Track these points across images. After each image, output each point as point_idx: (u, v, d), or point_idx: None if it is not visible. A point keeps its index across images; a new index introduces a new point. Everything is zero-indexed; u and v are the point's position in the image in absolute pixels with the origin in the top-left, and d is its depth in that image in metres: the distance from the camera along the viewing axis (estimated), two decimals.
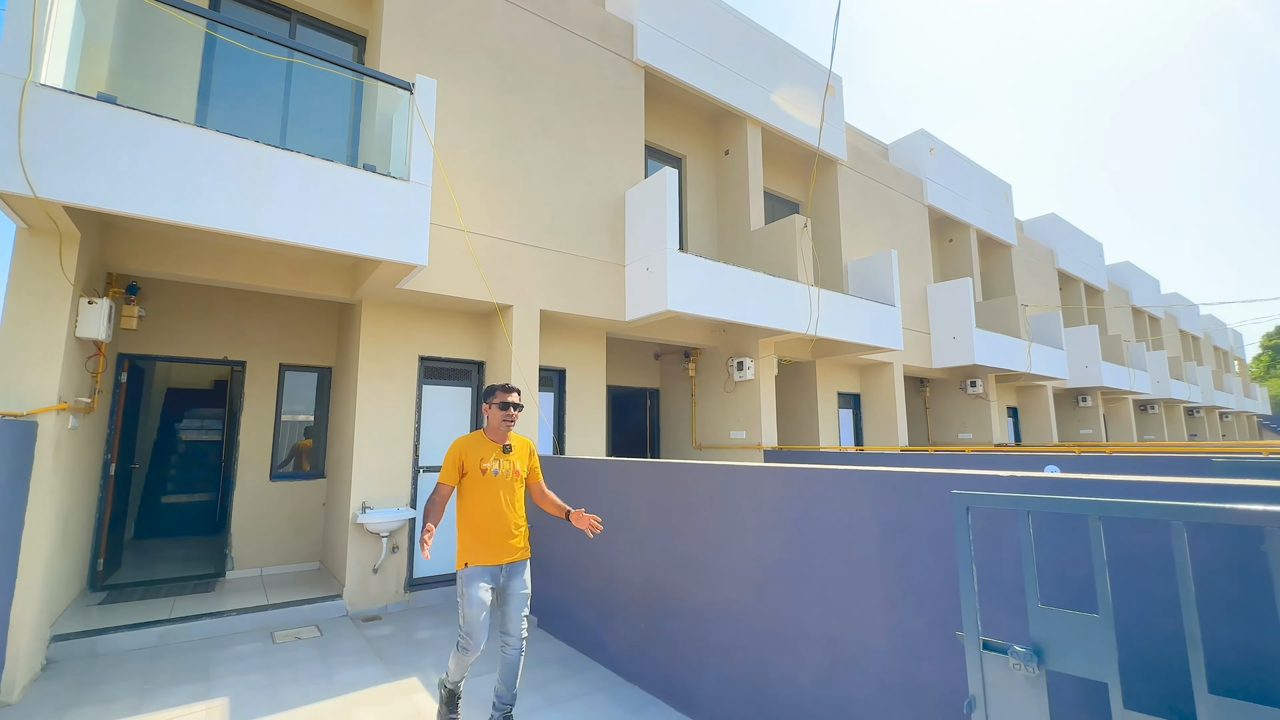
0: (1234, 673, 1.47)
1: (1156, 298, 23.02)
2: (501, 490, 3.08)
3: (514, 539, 3.08)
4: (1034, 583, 1.63)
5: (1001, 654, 1.66)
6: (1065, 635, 1.55)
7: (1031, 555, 1.64)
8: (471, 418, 6.17)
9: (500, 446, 3.15)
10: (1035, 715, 1.56)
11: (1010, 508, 1.71)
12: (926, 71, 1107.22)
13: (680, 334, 7.72)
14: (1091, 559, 1.67)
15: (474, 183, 5.62)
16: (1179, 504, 1.37)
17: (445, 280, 5.30)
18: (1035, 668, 1.57)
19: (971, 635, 1.72)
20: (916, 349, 10.68)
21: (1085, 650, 1.50)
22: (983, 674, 1.69)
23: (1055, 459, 5.42)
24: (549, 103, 6.29)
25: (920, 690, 2.29)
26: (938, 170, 12.29)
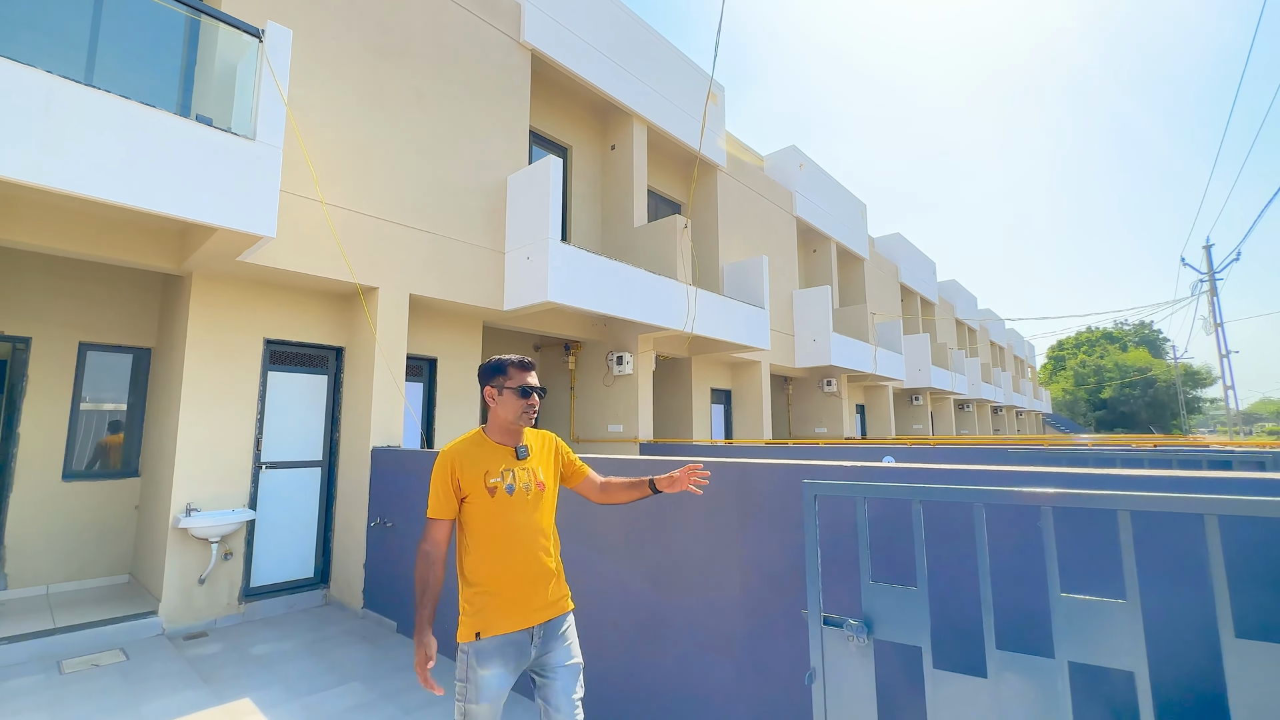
0: (1016, 631, 1.73)
1: (974, 312, 26.85)
2: (523, 514, 2.07)
3: (549, 585, 2.08)
4: (867, 561, 1.81)
5: (838, 627, 1.82)
6: (890, 607, 1.73)
7: (866, 536, 1.82)
8: (328, 409, 5.63)
9: (512, 449, 2.14)
10: (864, 681, 1.73)
11: (850, 495, 1.88)
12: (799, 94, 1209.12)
13: (561, 326, 7.63)
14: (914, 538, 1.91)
15: (336, 150, 5.11)
16: (980, 488, 1.58)
17: (298, 255, 4.77)
18: (865, 638, 1.74)
19: (814, 612, 1.87)
20: (782, 349, 11.49)
21: (905, 619, 1.69)
22: (822, 647, 1.84)
23: (892, 450, 6.11)
24: (425, 73, 5.89)
25: (770, 666, 2.46)
26: (806, 185, 13.29)
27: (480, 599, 2.02)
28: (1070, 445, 6.11)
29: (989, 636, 1.52)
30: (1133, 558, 1.34)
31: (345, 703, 3.41)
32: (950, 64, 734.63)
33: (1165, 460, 3.84)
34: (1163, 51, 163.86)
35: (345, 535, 5.29)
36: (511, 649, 1.99)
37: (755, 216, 11.46)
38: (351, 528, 5.21)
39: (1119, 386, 46.23)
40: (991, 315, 30.04)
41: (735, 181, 10.93)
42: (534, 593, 2.04)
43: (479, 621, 1.99)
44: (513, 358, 2.18)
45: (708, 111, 8.89)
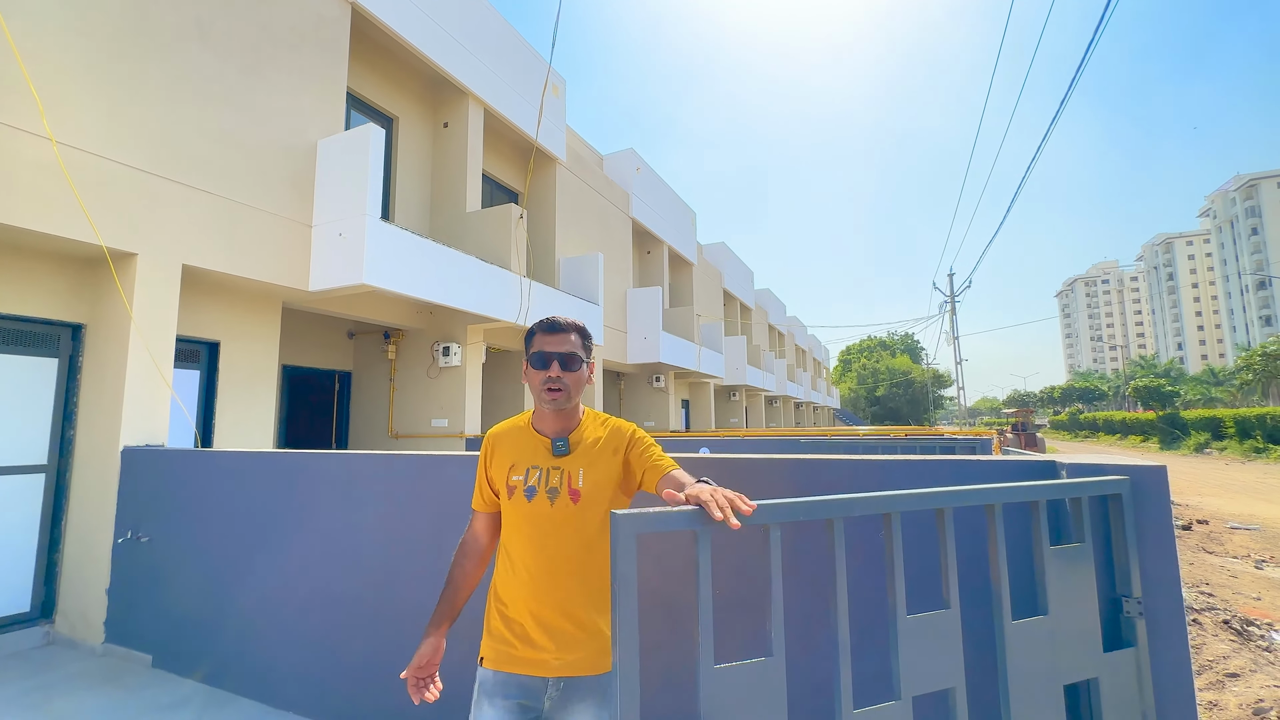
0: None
1: (783, 318, 30.28)
2: (546, 528, 1.57)
3: (570, 629, 1.53)
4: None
5: None
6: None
7: None
8: (58, 400, 4.50)
9: (548, 442, 1.64)
10: None
11: None
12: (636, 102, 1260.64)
13: (380, 312, 7.00)
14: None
15: (79, 80, 4.09)
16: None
17: (13, 205, 3.73)
18: None
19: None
20: (615, 346, 11.83)
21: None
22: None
23: (707, 442, 6.62)
24: (215, 3, 4.98)
25: None
26: (642, 188, 13.82)
27: (495, 620, 1.61)
28: (852, 434, 7.17)
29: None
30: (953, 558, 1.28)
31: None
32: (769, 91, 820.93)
33: (911, 447, 4.70)
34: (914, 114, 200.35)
35: (80, 556, 4.28)
36: (515, 691, 1.54)
37: (593, 213, 11.62)
38: (90, 546, 4.23)
39: (889, 386, 55.52)
40: (797, 322, 34.18)
41: (574, 177, 10.97)
42: (547, 635, 1.53)
43: (487, 646, 1.61)
44: (542, 320, 1.69)
45: (547, 102, 8.80)
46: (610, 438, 1.65)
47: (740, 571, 1.96)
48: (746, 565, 1.99)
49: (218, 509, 3.72)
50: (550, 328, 1.65)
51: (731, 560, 1.98)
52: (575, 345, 1.65)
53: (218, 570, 3.67)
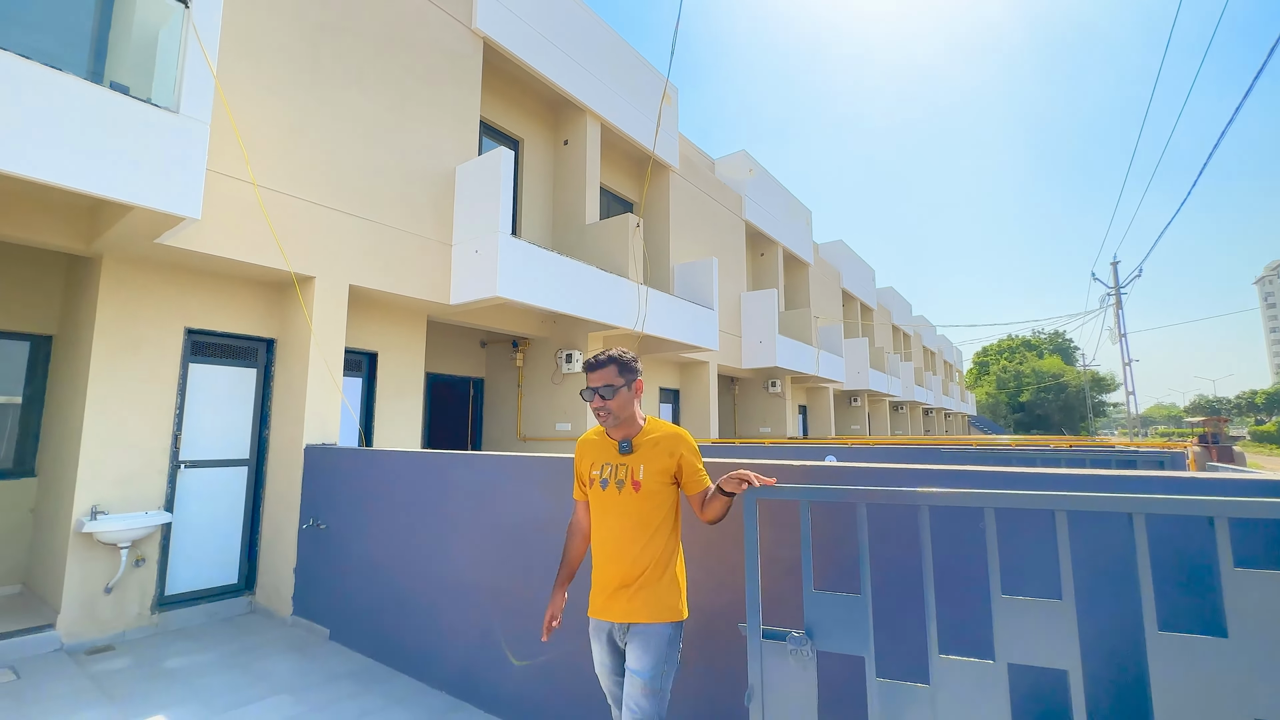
0: (964, 635, 1.80)
1: (909, 319, 28.19)
2: (613, 511, 2.12)
3: (625, 588, 2.07)
4: (809, 569, 1.82)
5: (780, 641, 1.80)
6: (833, 616, 1.75)
7: (809, 542, 1.84)
8: (257, 404, 5.30)
9: (616, 444, 2.17)
10: (805, 696, 1.73)
11: (793, 498, 1.90)
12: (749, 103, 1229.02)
13: (509, 322, 7.48)
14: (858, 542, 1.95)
15: (271, 130, 4.81)
16: (926, 490, 1.63)
17: (225, 239, 4.45)
18: (807, 650, 1.74)
19: (753, 626, 1.84)
20: (730, 350, 11.68)
21: (848, 629, 1.72)
22: (762, 663, 1.81)
23: (834, 450, 6.31)
24: (370, 54, 5.62)
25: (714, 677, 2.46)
26: (755, 190, 13.55)
27: (592, 581, 2.20)
28: (995, 445, 6.49)
29: (932, 643, 1.57)
30: (1069, 557, 1.41)
31: (271, 717, 3.22)
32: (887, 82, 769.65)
33: (1080, 460, 4.13)
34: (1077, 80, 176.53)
35: (274, 538, 4.99)
36: (601, 634, 2.15)
37: (706, 218, 11.59)
38: (281, 530, 4.92)
39: (1035, 391, 49.63)
40: (924, 322, 31.66)
41: (687, 183, 11.02)
42: (611, 591, 2.09)
43: (590, 599, 2.19)
44: (586, 359, 2.24)
45: (662, 112, 8.91)
46: (666, 441, 2.14)
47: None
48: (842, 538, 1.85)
49: (379, 501, 4.16)
50: (590, 367, 2.16)
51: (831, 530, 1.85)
52: (611, 376, 2.13)
53: (380, 556, 4.10)
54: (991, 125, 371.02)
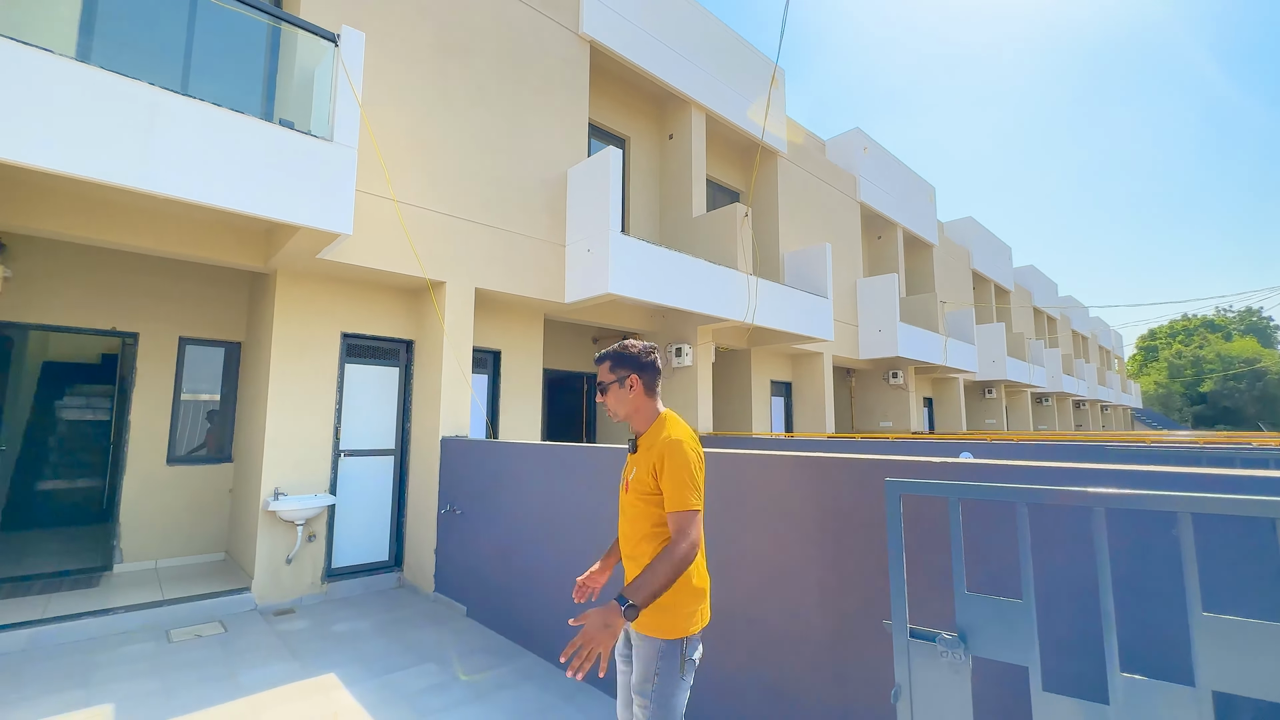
0: (1142, 652, 1.57)
1: (1054, 300, 25.12)
2: (621, 511, 2.08)
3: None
4: (961, 569, 1.68)
5: (928, 641, 1.69)
6: (989, 621, 1.60)
7: (960, 542, 1.69)
8: (400, 400, 5.86)
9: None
10: (959, 701, 1.60)
11: (942, 495, 1.75)
12: (862, 74, 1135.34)
13: (620, 318, 7.64)
14: (1017, 544, 1.76)
15: (405, 149, 5.27)
16: (1102, 491, 1.43)
17: (372, 252, 4.95)
18: (961, 654, 1.61)
19: (900, 624, 1.74)
20: (845, 340, 11.10)
21: (1007, 635, 1.56)
22: (909, 662, 1.72)
23: (969, 446, 5.78)
24: (487, 70, 5.97)
25: (850, 672, 2.35)
26: (870, 169, 12.74)
27: None
28: (1175, 443, 5.59)
29: (1112, 658, 1.38)
30: None
31: (421, 683, 3.54)
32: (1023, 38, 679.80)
33: None
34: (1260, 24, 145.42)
35: (417, 521, 5.50)
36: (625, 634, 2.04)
37: (817, 203, 11.09)
38: (423, 514, 5.41)
39: (1222, 379, 42.22)
40: (1074, 303, 28.07)
41: (796, 167, 10.61)
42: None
43: None
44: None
45: (770, 96, 8.64)
46: (658, 447, 1.90)
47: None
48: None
49: (507, 489, 4.43)
50: (601, 357, 2.09)
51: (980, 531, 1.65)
52: (604, 372, 2.07)
53: (508, 541, 4.36)
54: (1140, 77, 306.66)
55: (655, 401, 2.07)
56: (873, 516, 2.33)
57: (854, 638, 2.35)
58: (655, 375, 2.08)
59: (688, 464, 1.84)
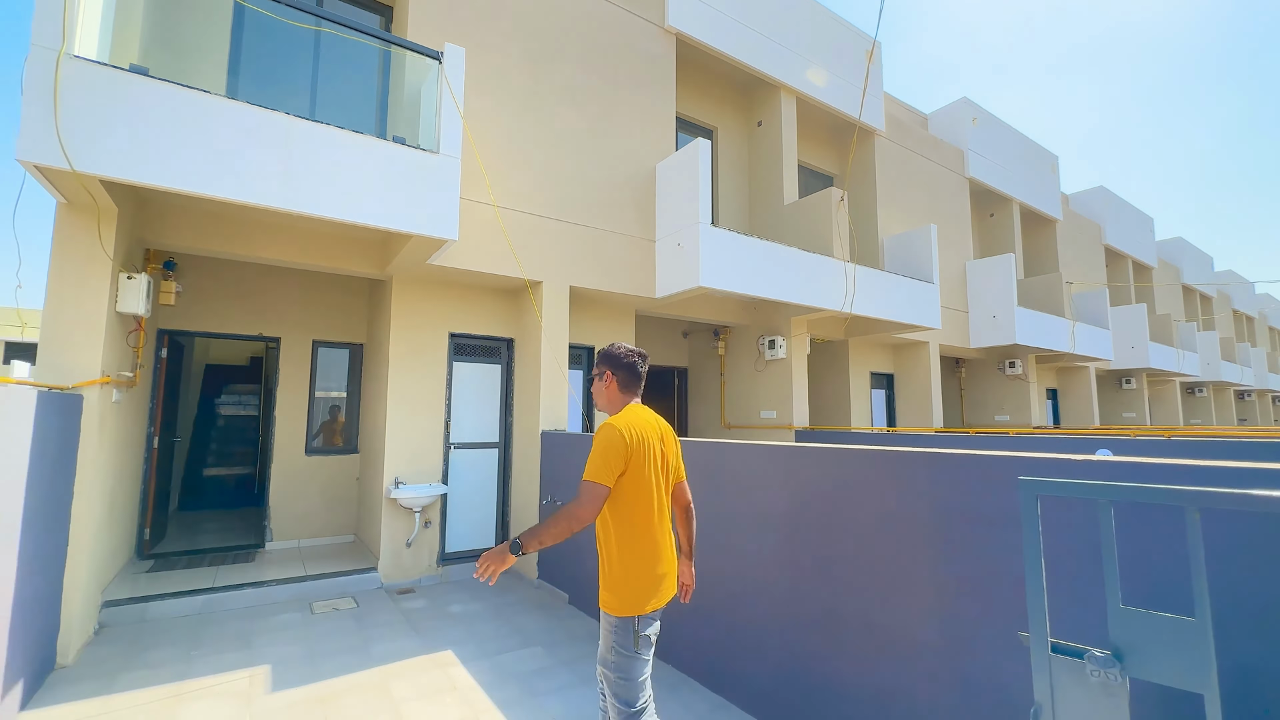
0: None
1: (1209, 275, 21.90)
2: None
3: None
4: (1115, 581, 1.50)
5: (1073, 658, 1.53)
6: (1152, 640, 1.42)
7: (1113, 550, 1.51)
8: (502, 395, 6.16)
9: None
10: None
11: (1089, 497, 1.57)
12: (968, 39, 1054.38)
13: (710, 311, 7.57)
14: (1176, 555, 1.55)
15: (501, 155, 5.51)
16: None
17: (475, 255, 5.23)
18: (1115, 674, 1.45)
19: (1039, 637, 1.59)
20: (953, 328, 10.33)
21: (1177, 657, 1.37)
22: (1051, 679, 1.57)
23: (1105, 442, 5.18)
24: (577, 71, 6.11)
25: (975, 683, 2.19)
26: (980, 141, 11.73)
27: None
28: None
29: None
30: None
31: (529, 665, 3.71)
32: None
33: None
34: None
35: (520, 511, 5.77)
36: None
37: (919, 182, 10.37)
38: (525, 504, 5.66)
39: None
40: (1234, 277, 24.28)
41: (895, 145, 9.97)
42: None
43: None
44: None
45: (861, 70, 8.17)
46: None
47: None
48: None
49: None
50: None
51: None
52: (595, 366, 2.35)
53: None
54: None
55: (627, 398, 2.30)
56: (995, 517, 2.15)
57: (977, 647, 2.19)
58: (630, 375, 2.30)
59: (602, 442, 2.09)
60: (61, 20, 3.17)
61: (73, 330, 3.70)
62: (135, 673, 3.47)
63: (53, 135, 3.13)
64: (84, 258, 3.75)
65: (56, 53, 3.16)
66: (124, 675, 3.43)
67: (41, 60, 3.13)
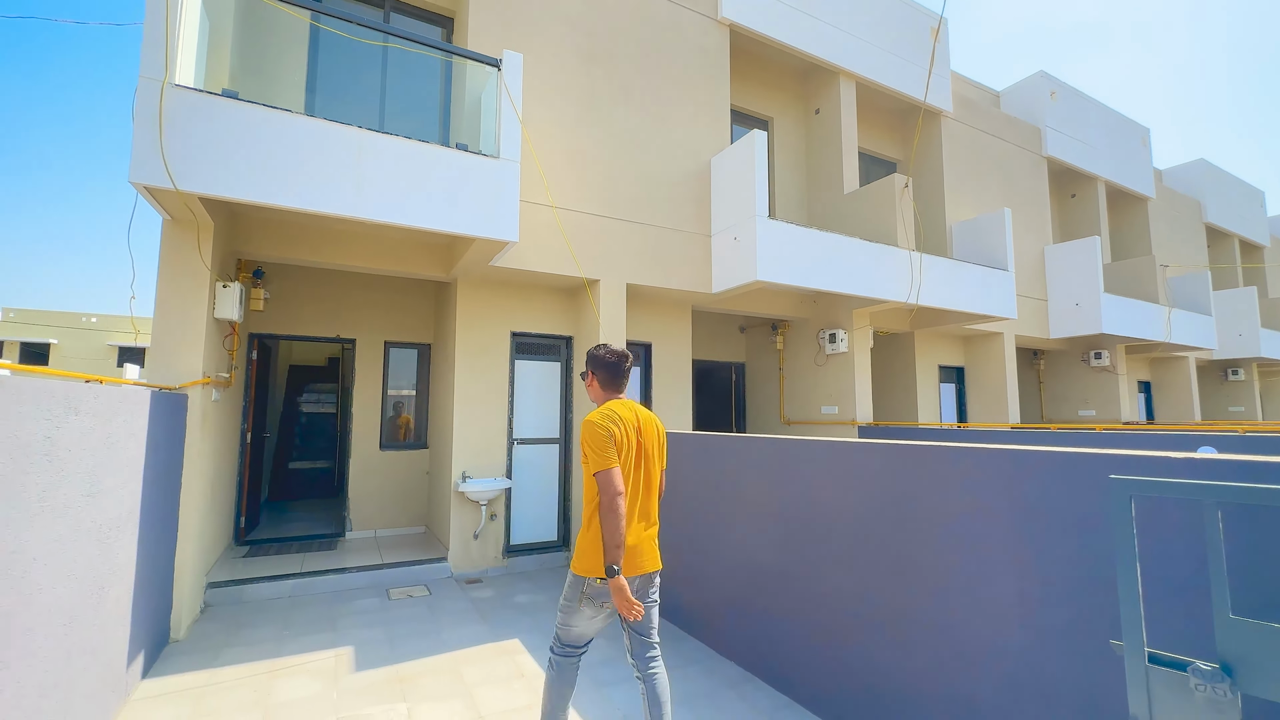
0: None
1: None
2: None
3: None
4: (1224, 589, 1.39)
5: (1175, 670, 1.43)
6: (1269, 654, 1.30)
7: (1221, 556, 1.39)
8: (561, 392, 6.29)
9: None
10: None
11: (1192, 498, 1.46)
12: (1042, 8, 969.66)
13: (768, 305, 7.45)
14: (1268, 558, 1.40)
15: (558, 157, 5.61)
16: None
17: (535, 256, 5.36)
18: (1225, 690, 1.34)
19: (1134, 647, 1.49)
20: (1031, 317, 9.73)
21: None
22: (1149, 692, 1.47)
23: (1208, 439, 4.75)
24: (630, 70, 6.13)
25: (1059, 693, 2.07)
26: (1059, 117, 10.96)
27: None
28: None
29: None
30: None
31: (592, 656, 3.78)
32: None
33: None
34: None
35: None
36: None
37: (991, 164, 9.81)
38: None
39: None
40: None
41: (964, 126, 9.47)
42: None
43: None
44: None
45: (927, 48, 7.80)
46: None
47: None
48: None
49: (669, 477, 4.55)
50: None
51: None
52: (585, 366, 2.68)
53: (665, 530, 4.48)
54: None
55: (610, 394, 2.58)
56: (1084, 519, 2.02)
57: (1064, 655, 2.07)
58: (611, 374, 2.57)
59: (588, 437, 2.33)
60: (164, 52, 3.47)
61: (178, 335, 4.06)
62: (236, 649, 3.78)
63: (158, 158, 3.43)
64: (186, 269, 4.10)
65: (160, 82, 3.46)
66: (226, 650, 3.75)
67: (148, 90, 3.44)
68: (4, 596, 1.84)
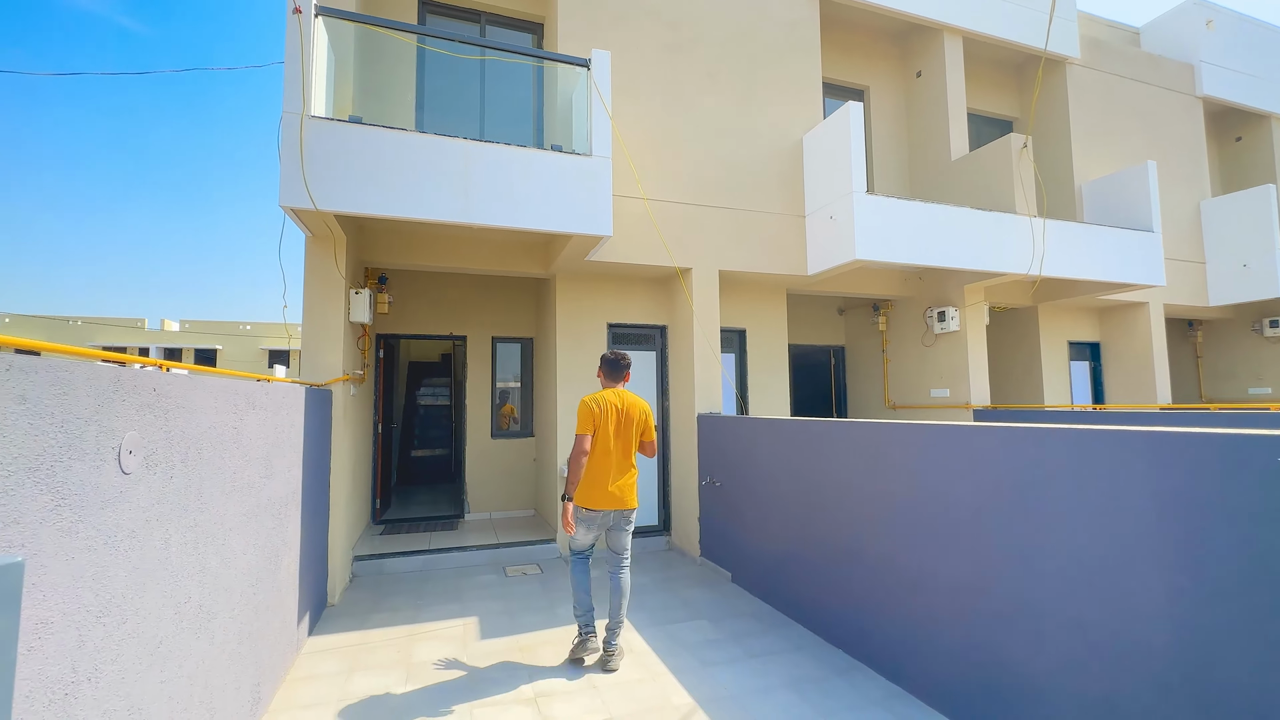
0: None
1: None
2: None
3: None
4: None
5: None
6: None
7: None
8: (658, 380, 6.42)
9: None
10: None
11: None
12: None
13: (868, 285, 7.12)
14: None
15: (646, 148, 5.69)
16: None
17: (628, 248, 5.49)
18: None
19: None
20: (1183, 282, 8.55)
21: None
22: None
23: None
24: (715, 55, 6.07)
25: (1218, 700, 1.87)
26: (1218, 48, 9.46)
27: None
28: None
29: None
30: None
31: (698, 636, 3.89)
32: None
33: None
34: None
35: (680, 492, 5.98)
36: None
37: (1130, 111, 8.68)
38: (684, 485, 5.86)
39: None
40: None
41: (1095, 73, 8.45)
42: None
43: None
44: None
45: None
46: None
47: None
48: None
49: (759, 463, 4.53)
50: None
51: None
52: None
53: (767, 513, 4.47)
54: None
55: (608, 384, 3.72)
56: (1252, 510, 1.80)
57: (1224, 658, 1.86)
58: (610, 369, 3.74)
59: (580, 410, 3.52)
60: (301, 88, 3.92)
61: (321, 338, 4.60)
62: (380, 614, 4.26)
63: (301, 183, 3.90)
64: (325, 279, 4.63)
65: (300, 115, 3.92)
66: (373, 616, 4.24)
67: (290, 123, 3.91)
68: (212, 559, 2.23)
